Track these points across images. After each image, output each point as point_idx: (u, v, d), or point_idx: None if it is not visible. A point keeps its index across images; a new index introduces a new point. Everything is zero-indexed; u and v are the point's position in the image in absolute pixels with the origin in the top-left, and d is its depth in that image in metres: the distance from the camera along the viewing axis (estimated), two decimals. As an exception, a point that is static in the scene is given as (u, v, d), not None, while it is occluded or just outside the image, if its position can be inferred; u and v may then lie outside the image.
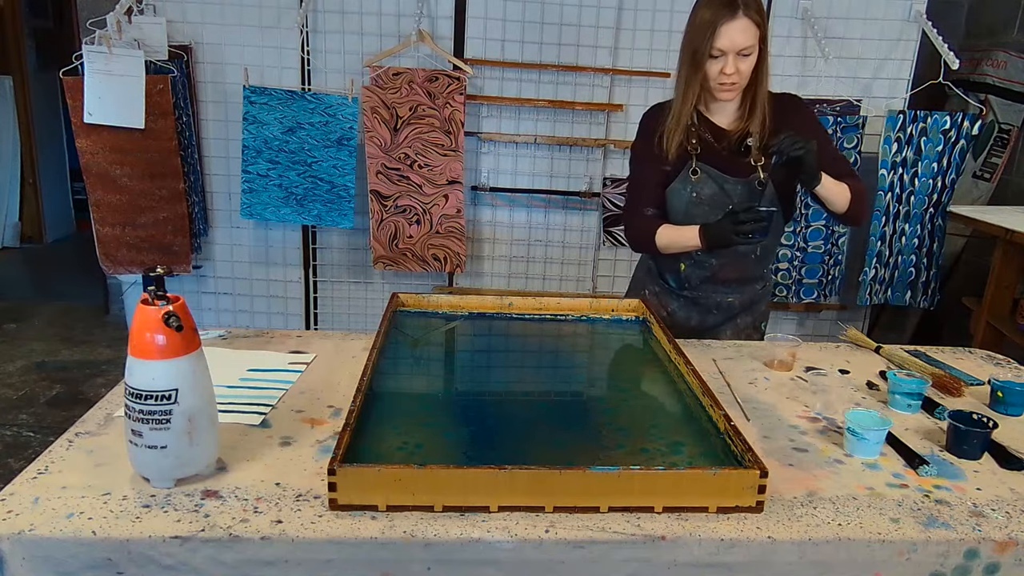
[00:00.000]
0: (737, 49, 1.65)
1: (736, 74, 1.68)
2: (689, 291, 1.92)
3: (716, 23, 1.64)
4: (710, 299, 1.92)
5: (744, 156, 1.80)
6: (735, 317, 1.94)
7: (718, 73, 1.69)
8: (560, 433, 1.29)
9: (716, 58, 1.67)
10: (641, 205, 1.86)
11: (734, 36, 1.64)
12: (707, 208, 1.80)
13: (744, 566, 1.04)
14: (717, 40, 1.65)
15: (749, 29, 1.65)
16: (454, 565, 1.01)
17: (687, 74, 1.73)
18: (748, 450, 1.11)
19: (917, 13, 2.93)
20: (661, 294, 1.97)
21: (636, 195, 1.90)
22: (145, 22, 2.75)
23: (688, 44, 1.71)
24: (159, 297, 1.03)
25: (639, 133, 1.90)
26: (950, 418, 1.31)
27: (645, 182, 1.87)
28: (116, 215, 2.81)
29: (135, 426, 1.04)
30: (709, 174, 1.79)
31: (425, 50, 2.88)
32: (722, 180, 1.79)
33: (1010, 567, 1.07)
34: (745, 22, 1.64)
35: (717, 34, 1.64)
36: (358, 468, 1.03)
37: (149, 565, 0.98)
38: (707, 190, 1.80)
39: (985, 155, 3.81)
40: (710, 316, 1.93)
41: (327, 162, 2.88)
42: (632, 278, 2.13)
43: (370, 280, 3.20)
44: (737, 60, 1.67)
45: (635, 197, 1.90)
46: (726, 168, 1.80)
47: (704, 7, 1.67)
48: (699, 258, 1.86)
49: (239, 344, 1.64)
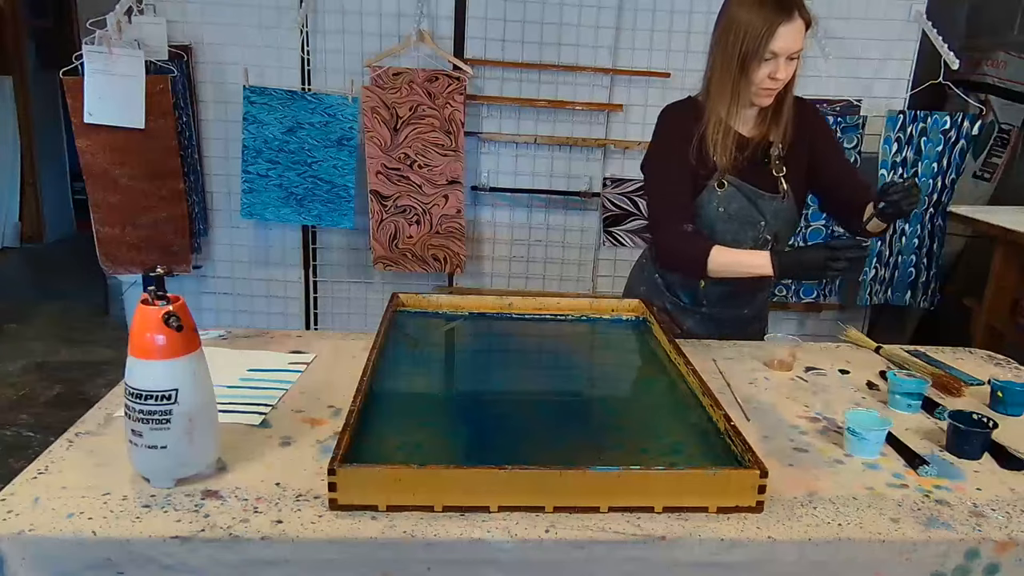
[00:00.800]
0: (791, 52, 1.58)
1: (783, 79, 1.61)
2: (707, 308, 1.86)
3: (773, 24, 1.55)
4: (726, 313, 1.86)
5: (766, 166, 1.73)
6: (747, 326, 1.90)
7: (764, 77, 1.60)
8: (560, 433, 1.29)
9: (767, 61, 1.58)
10: (676, 219, 1.69)
11: (790, 39, 1.56)
12: (736, 224, 1.73)
13: (744, 566, 1.04)
14: (773, 42, 1.56)
15: (802, 30, 1.58)
16: (454, 565, 1.01)
17: (737, 79, 1.61)
18: (748, 450, 1.11)
19: (917, 13, 2.93)
20: (675, 312, 1.89)
21: (668, 207, 1.72)
22: (145, 22, 2.75)
23: (733, 47, 1.59)
24: (159, 297, 1.03)
25: (665, 134, 1.76)
26: (950, 418, 1.31)
27: (677, 191, 1.71)
28: (116, 215, 2.81)
29: (135, 426, 1.04)
30: (738, 187, 1.71)
31: (425, 50, 2.88)
32: (755, 195, 1.72)
33: (1010, 567, 1.07)
34: (800, 24, 1.57)
35: (774, 36, 1.55)
36: (358, 468, 1.03)
37: (149, 565, 0.98)
38: (735, 204, 1.72)
39: (985, 155, 3.81)
40: (726, 329, 1.87)
41: (327, 162, 2.88)
42: (627, 288, 2.04)
43: (370, 280, 3.20)
44: (786, 64, 1.59)
45: (667, 209, 1.72)
46: (754, 181, 1.72)
47: (752, 6, 1.57)
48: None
49: (239, 344, 1.64)
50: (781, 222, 1.79)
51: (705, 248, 1.65)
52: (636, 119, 3.05)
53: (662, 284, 1.90)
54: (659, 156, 1.76)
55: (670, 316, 1.89)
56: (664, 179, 1.74)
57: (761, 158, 1.74)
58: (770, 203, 1.74)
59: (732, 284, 1.80)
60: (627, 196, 3.11)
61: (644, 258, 1.99)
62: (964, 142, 2.96)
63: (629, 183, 3.10)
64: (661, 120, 1.77)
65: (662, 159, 1.75)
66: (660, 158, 1.75)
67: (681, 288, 1.87)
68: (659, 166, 1.75)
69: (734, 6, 1.61)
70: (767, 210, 1.74)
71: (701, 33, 2.95)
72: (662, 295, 1.90)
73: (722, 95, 1.65)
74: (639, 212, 3.13)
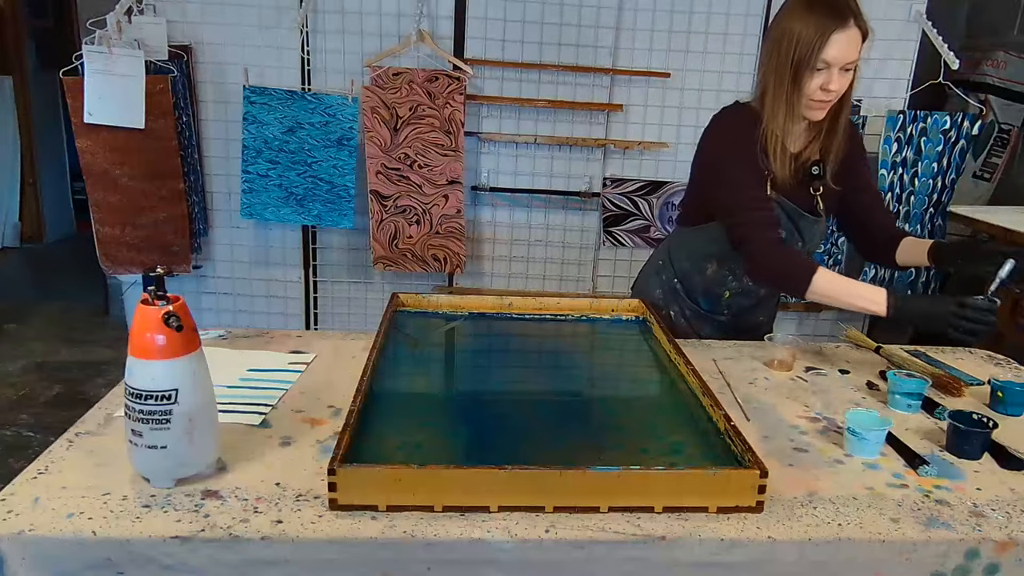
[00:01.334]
0: (845, 62, 1.50)
1: (836, 91, 1.53)
2: (728, 316, 1.85)
3: (826, 32, 1.48)
4: (744, 321, 1.85)
5: (807, 185, 1.68)
6: (759, 330, 1.87)
7: (816, 88, 1.52)
8: (560, 433, 1.29)
9: (820, 71, 1.51)
10: (766, 227, 1.59)
11: (844, 47, 1.49)
12: None
13: (744, 566, 1.04)
14: (826, 51, 1.48)
15: (858, 40, 1.51)
16: (454, 565, 1.01)
17: (790, 91, 1.54)
18: (748, 450, 1.11)
19: (917, 13, 2.93)
20: (692, 318, 1.87)
21: (754, 215, 1.59)
22: (145, 22, 2.75)
23: (786, 56, 1.52)
24: (159, 297, 1.03)
25: (733, 140, 1.64)
26: (950, 418, 1.31)
27: (759, 197, 1.61)
28: (116, 215, 2.81)
29: (135, 426, 1.04)
30: (782, 205, 1.66)
31: (425, 50, 2.88)
32: (796, 215, 1.68)
33: (1010, 567, 1.07)
34: (855, 33, 1.49)
35: (827, 44, 1.48)
36: (358, 468, 1.03)
37: (149, 565, 0.98)
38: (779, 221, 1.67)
39: (985, 155, 3.81)
40: (742, 335, 1.85)
41: (327, 162, 2.88)
42: (638, 290, 1.99)
43: (370, 280, 3.20)
44: (840, 75, 1.51)
45: (754, 217, 1.60)
46: (797, 200, 1.68)
47: (804, 15, 1.50)
48: (747, 288, 1.79)
49: (239, 344, 1.64)
50: (815, 244, 1.77)
51: (810, 268, 1.54)
52: (636, 119, 3.05)
53: (682, 290, 1.87)
54: (732, 162, 1.64)
55: (688, 322, 1.87)
56: (743, 184, 1.62)
57: (805, 176, 1.67)
58: (811, 225, 1.71)
59: (754, 297, 1.80)
60: (627, 196, 3.11)
61: (660, 260, 1.94)
62: (964, 142, 2.97)
63: (629, 183, 3.10)
64: (722, 124, 1.69)
65: (736, 165, 1.63)
66: (734, 164, 1.64)
67: (703, 296, 1.85)
68: (735, 171, 1.63)
69: (787, 15, 1.55)
70: (806, 231, 1.71)
71: (701, 33, 2.96)
72: (681, 301, 1.87)
73: (777, 107, 1.57)
74: (639, 212, 3.13)
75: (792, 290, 1.62)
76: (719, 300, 1.83)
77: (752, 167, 1.62)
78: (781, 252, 1.60)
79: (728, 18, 2.95)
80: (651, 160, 3.09)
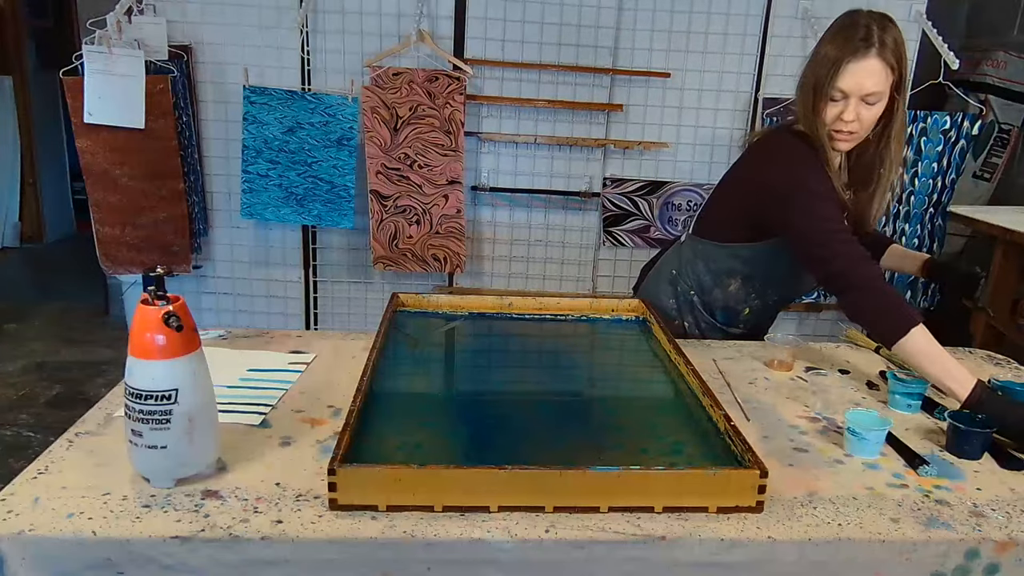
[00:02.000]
0: (863, 93, 1.43)
1: (856, 122, 1.46)
2: (743, 329, 1.84)
3: (841, 59, 1.42)
4: (757, 333, 1.83)
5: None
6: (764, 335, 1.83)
7: (834, 118, 1.48)
8: (560, 433, 1.29)
9: (836, 101, 1.46)
10: (871, 262, 1.50)
11: (860, 78, 1.42)
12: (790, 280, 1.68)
13: (744, 566, 1.04)
14: (840, 79, 1.43)
15: (880, 72, 1.42)
16: (454, 565, 1.01)
17: (811, 117, 1.50)
18: (748, 450, 1.11)
19: (917, 13, 2.93)
20: (707, 330, 1.84)
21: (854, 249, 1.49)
22: (145, 22, 2.75)
23: (808, 80, 1.49)
24: (159, 297, 1.03)
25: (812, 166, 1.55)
26: (950, 418, 1.31)
27: (849, 229, 1.54)
28: (116, 215, 2.81)
29: (135, 426, 1.04)
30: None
31: (425, 50, 2.88)
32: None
33: (1010, 567, 1.07)
34: (876, 63, 1.42)
35: (841, 72, 1.42)
36: (358, 468, 1.03)
37: (149, 565, 0.98)
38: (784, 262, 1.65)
39: (985, 155, 3.81)
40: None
41: (327, 162, 2.88)
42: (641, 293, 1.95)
43: (370, 280, 3.20)
44: (860, 106, 1.44)
45: (855, 253, 1.49)
46: None
47: (833, 37, 1.46)
48: (768, 305, 1.78)
49: (239, 344, 1.64)
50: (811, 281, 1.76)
51: (911, 321, 1.40)
52: (636, 119, 3.05)
53: (699, 303, 1.83)
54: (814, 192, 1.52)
55: (701, 333, 1.86)
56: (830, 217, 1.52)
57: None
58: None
59: (771, 312, 1.80)
60: (627, 196, 3.11)
61: (672, 270, 1.88)
62: (964, 142, 2.97)
63: (629, 183, 3.10)
64: (785, 148, 1.58)
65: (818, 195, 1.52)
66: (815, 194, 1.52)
67: (722, 310, 1.83)
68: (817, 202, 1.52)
69: (825, 33, 1.50)
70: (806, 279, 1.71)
71: (701, 33, 2.96)
72: (697, 313, 1.84)
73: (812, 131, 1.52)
74: (639, 212, 3.13)
75: (883, 334, 1.47)
76: (738, 316, 1.82)
77: (832, 197, 1.54)
78: (886, 293, 1.47)
79: (728, 18, 2.95)
80: (651, 160, 3.09)
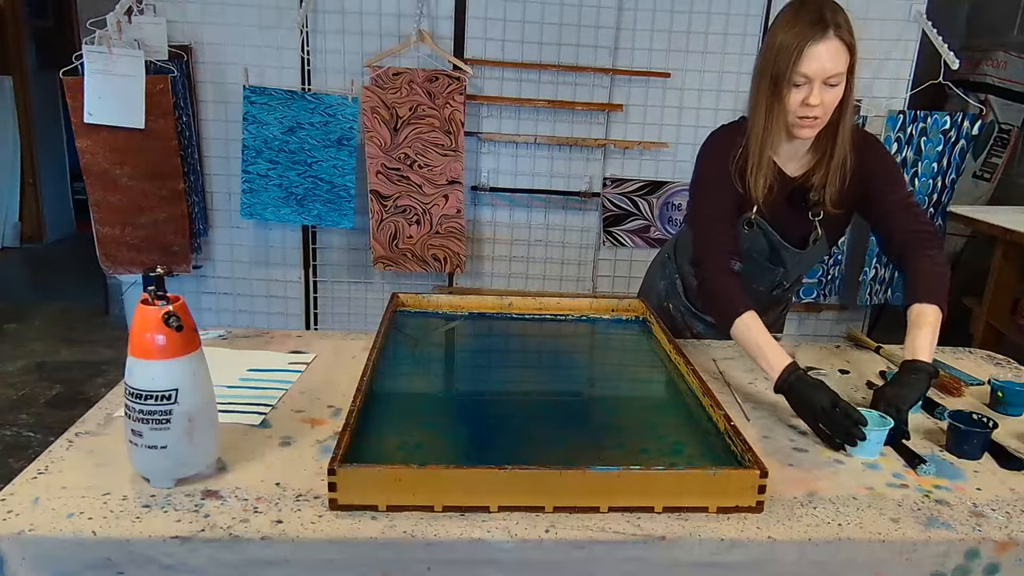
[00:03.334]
0: (825, 76, 1.42)
1: (820, 107, 1.44)
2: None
3: (803, 43, 1.40)
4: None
5: (805, 209, 1.61)
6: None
7: (799, 104, 1.45)
8: (560, 433, 1.29)
9: (799, 86, 1.44)
10: (725, 253, 1.55)
11: (823, 60, 1.40)
12: (756, 267, 1.67)
13: (744, 566, 1.04)
14: (803, 64, 1.41)
15: (840, 54, 1.41)
16: (454, 565, 1.01)
17: (768, 105, 1.48)
18: (748, 450, 1.11)
19: (917, 13, 2.93)
20: (687, 315, 1.87)
21: (714, 238, 1.57)
22: (145, 22, 2.75)
23: (766, 69, 1.46)
24: (159, 297, 1.03)
25: (710, 157, 1.61)
26: (950, 418, 1.31)
27: (723, 217, 1.58)
28: (116, 215, 2.81)
29: (135, 426, 1.04)
30: (765, 233, 1.63)
31: (425, 50, 2.88)
32: (778, 245, 1.65)
33: (1010, 567, 1.07)
34: (836, 44, 1.40)
35: (803, 56, 1.40)
36: (358, 468, 1.03)
37: (149, 565, 0.98)
38: (757, 246, 1.65)
39: (985, 155, 3.81)
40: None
41: (327, 162, 2.88)
42: (643, 285, 2.02)
43: (370, 280, 3.20)
44: (823, 90, 1.43)
45: (713, 241, 1.57)
46: (784, 228, 1.63)
47: (785, 25, 1.44)
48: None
49: (239, 344, 1.64)
50: (802, 268, 1.75)
51: (737, 311, 1.47)
52: (636, 119, 3.05)
53: (680, 287, 1.88)
54: (703, 179, 1.63)
55: (683, 318, 1.88)
56: (705, 203, 1.61)
57: (800, 201, 1.61)
58: (793, 256, 1.67)
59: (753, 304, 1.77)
60: (627, 196, 3.11)
61: (667, 254, 1.95)
62: (964, 142, 2.97)
63: (629, 183, 3.10)
64: (705, 143, 1.65)
65: (704, 181, 1.62)
66: (703, 181, 1.63)
67: (696, 296, 1.85)
68: (701, 189, 1.63)
69: (774, 26, 1.49)
70: (789, 261, 1.68)
71: (701, 33, 2.96)
72: (678, 298, 1.88)
73: (757, 121, 1.51)
74: (639, 212, 3.13)
75: (719, 322, 1.53)
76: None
77: (720, 187, 1.58)
78: (722, 282, 1.53)
79: (728, 18, 2.95)
80: (651, 160, 3.09)
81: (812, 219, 1.62)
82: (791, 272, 1.74)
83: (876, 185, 1.59)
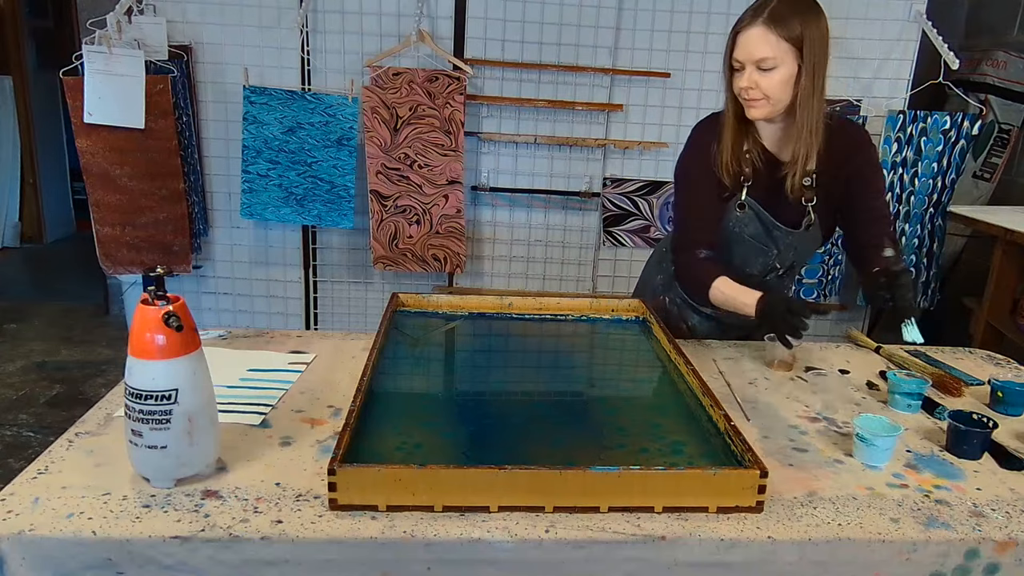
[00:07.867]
0: (753, 60, 1.51)
1: (756, 89, 1.53)
2: (712, 309, 1.82)
3: (735, 31, 1.53)
4: (732, 317, 1.80)
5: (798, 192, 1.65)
6: (755, 331, 1.83)
7: (739, 88, 1.56)
8: (560, 433, 1.29)
9: (737, 71, 1.55)
10: (694, 242, 1.67)
11: (749, 46, 1.50)
12: (748, 248, 1.71)
13: (744, 566, 1.04)
14: (736, 50, 1.53)
15: (767, 39, 1.49)
16: (454, 565, 1.01)
17: (728, 89, 1.61)
18: (748, 450, 1.11)
19: (917, 13, 2.93)
20: (682, 307, 1.88)
21: (688, 226, 1.70)
22: (145, 22, 2.75)
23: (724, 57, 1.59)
24: (159, 297, 1.03)
25: (690, 147, 1.71)
26: (950, 418, 1.31)
27: (699, 208, 1.68)
28: (116, 215, 2.81)
29: (135, 426, 1.04)
30: (756, 212, 1.67)
31: (425, 50, 2.88)
32: (770, 225, 1.68)
33: (1010, 567, 1.07)
34: (761, 31, 1.49)
35: (736, 44, 1.53)
36: (358, 468, 1.03)
37: (149, 565, 0.98)
38: (750, 229, 1.69)
39: (985, 155, 3.81)
40: (732, 332, 1.86)
41: (327, 162, 2.88)
42: (640, 279, 2.06)
43: (370, 280, 3.20)
44: (756, 74, 1.52)
45: (687, 229, 1.70)
46: (775, 208, 1.67)
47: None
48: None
49: (239, 344, 1.64)
50: (797, 252, 1.76)
51: (711, 275, 1.63)
52: (636, 119, 3.05)
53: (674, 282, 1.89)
54: (683, 170, 1.73)
55: (678, 310, 1.89)
56: (684, 193, 1.73)
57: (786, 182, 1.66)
58: (785, 236, 1.70)
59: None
60: (627, 196, 3.11)
61: (664, 248, 1.97)
62: (964, 142, 2.97)
63: (629, 183, 3.10)
64: (690, 134, 1.73)
65: (684, 172, 1.72)
66: (683, 171, 1.73)
67: None
68: (681, 180, 1.74)
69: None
70: (781, 242, 1.70)
71: (701, 33, 2.96)
72: (674, 290, 1.89)
73: (726, 105, 1.63)
74: (639, 212, 3.13)
75: (698, 295, 1.71)
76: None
77: (693, 179, 1.69)
78: (696, 264, 1.67)
79: (728, 18, 2.94)
80: (651, 160, 3.09)
81: (804, 204, 1.67)
82: (784, 254, 1.74)
83: (856, 188, 1.67)
